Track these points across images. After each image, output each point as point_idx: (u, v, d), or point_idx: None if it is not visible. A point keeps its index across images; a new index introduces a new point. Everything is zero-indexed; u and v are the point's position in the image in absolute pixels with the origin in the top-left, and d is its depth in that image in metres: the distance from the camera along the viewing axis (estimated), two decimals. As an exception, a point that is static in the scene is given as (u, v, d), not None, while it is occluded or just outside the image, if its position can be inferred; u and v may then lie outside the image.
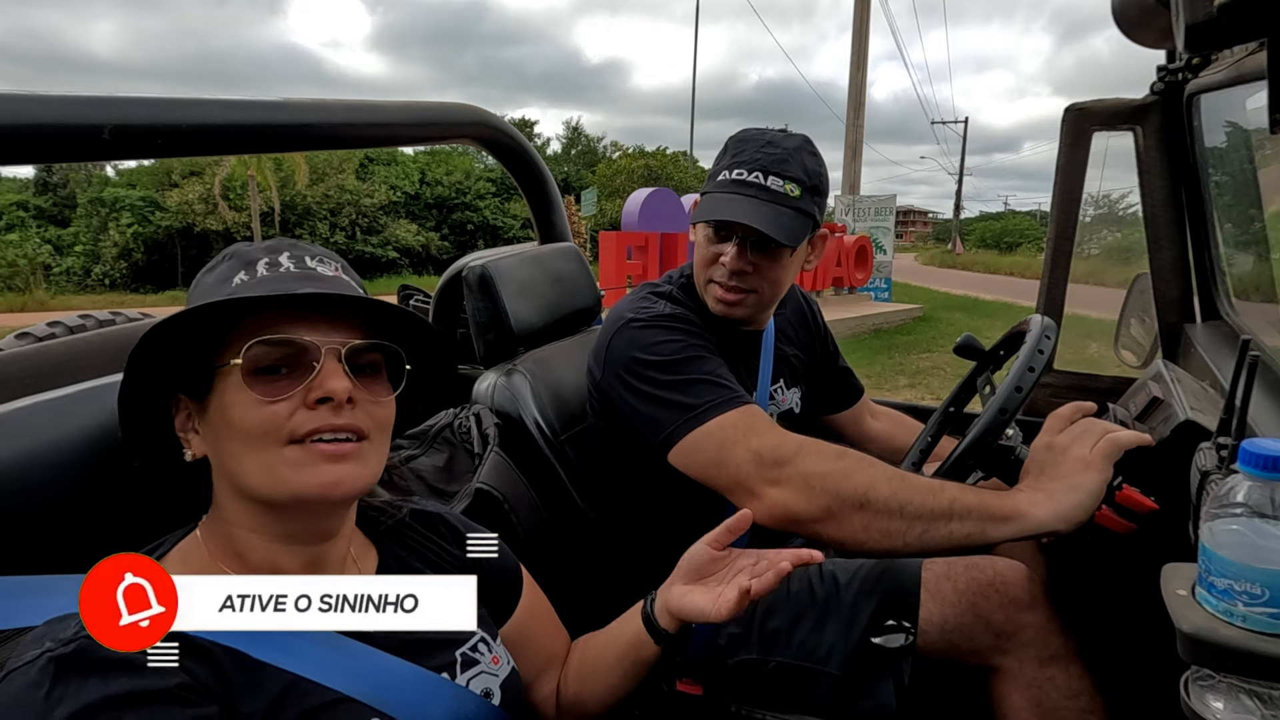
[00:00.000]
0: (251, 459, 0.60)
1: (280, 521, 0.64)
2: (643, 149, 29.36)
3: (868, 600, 1.10)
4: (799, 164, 1.15)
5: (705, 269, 1.20)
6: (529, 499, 1.21)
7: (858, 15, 15.90)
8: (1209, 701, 0.55)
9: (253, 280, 0.63)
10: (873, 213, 13.74)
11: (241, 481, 0.62)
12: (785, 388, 1.35)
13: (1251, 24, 0.74)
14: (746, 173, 1.13)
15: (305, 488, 0.60)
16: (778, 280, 1.19)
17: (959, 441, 0.99)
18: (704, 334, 1.16)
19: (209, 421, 0.63)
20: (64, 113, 0.86)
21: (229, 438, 0.61)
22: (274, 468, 0.60)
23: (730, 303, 1.19)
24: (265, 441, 0.60)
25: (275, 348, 0.60)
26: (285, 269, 0.64)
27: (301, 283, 0.63)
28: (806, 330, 1.45)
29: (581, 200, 15.47)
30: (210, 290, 0.64)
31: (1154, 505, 0.95)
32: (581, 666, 0.88)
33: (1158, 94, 1.44)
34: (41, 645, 0.53)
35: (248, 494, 0.62)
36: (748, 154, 1.15)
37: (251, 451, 0.60)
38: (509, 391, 1.36)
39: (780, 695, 1.14)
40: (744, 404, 1.05)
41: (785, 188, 1.12)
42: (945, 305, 14.35)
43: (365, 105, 1.31)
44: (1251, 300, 1.46)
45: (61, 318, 2.26)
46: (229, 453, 0.61)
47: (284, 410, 0.60)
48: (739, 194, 1.12)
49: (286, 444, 0.60)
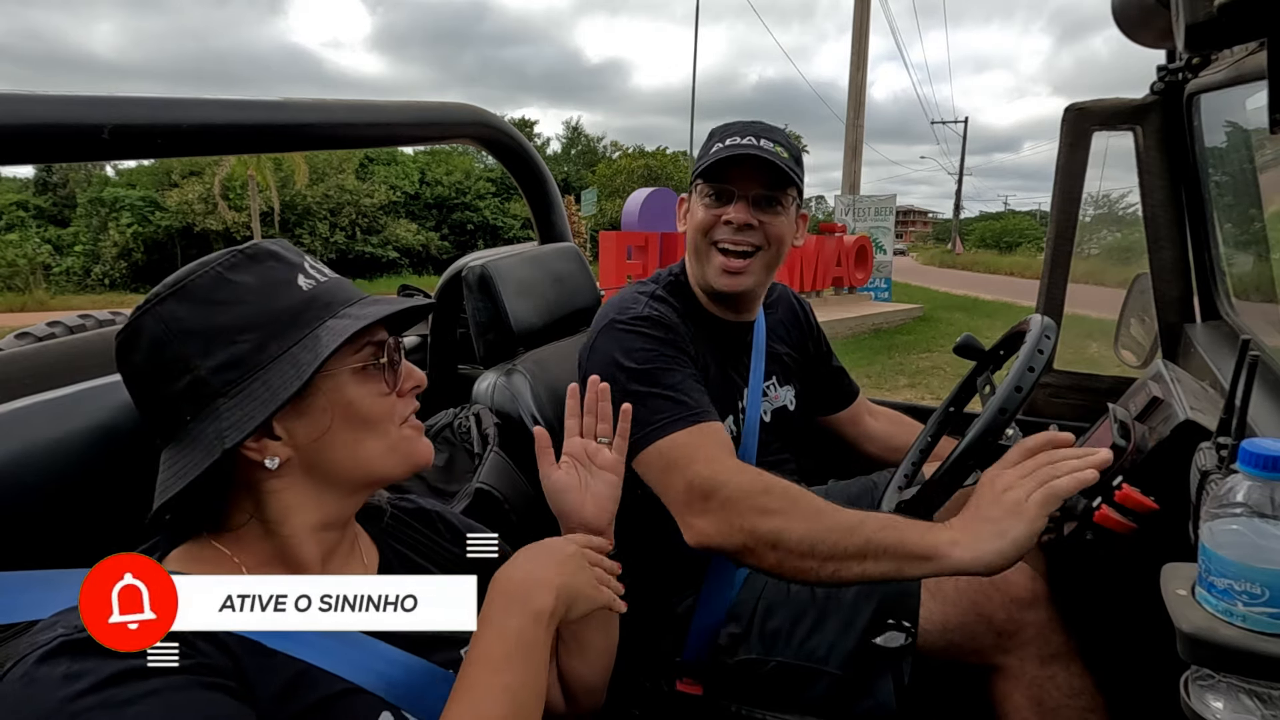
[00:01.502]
0: (378, 442, 0.68)
1: (344, 506, 0.69)
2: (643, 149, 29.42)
3: (868, 600, 1.11)
4: (783, 137, 1.20)
5: (706, 235, 1.20)
6: (529, 498, 1.21)
7: (858, 15, 15.91)
8: (1209, 701, 0.55)
9: (319, 286, 0.66)
10: (873, 213, 13.75)
11: (360, 466, 0.67)
12: (778, 385, 1.36)
13: (1251, 24, 0.74)
14: (740, 138, 1.17)
15: (422, 456, 0.71)
16: (779, 236, 1.20)
17: (959, 441, 0.99)
18: (680, 338, 1.16)
19: (309, 422, 0.64)
20: (64, 113, 0.86)
21: (352, 429, 0.66)
22: (397, 446, 0.69)
23: (736, 270, 1.19)
24: (389, 425, 0.68)
25: (379, 348, 0.68)
26: (327, 275, 0.68)
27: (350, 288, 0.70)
28: (799, 330, 1.46)
29: (581, 200, 15.48)
30: (267, 294, 0.63)
31: (1154, 505, 0.95)
32: (565, 642, 0.90)
33: (1158, 94, 1.44)
34: (54, 630, 0.53)
35: (360, 478, 0.68)
36: (736, 128, 1.20)
37: (377, 437, 0.67)
38: (509, 391, 1.36)
39: (780, 695, 1.14)
40: (698, 423, 1.06)
41: (776, 149, 1.17)
42: (945, 305, 14.36)
43: (365, 105, 1.31)
44: (1251, 300, 1.46)
45: (61, 317, 2.26)
46: (347, 443, 0.66)
47: (394, 399, 0.69)
48: (737, 151, 1.15)
49: (400, 425, 0.69)
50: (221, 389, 0.60)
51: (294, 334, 0.62)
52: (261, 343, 0.61)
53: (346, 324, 0.63)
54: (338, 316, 0.64)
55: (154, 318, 0.61)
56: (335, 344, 0.61)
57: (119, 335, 0.63)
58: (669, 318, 1.18)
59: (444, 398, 1.66)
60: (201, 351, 0.61)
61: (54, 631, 0.53)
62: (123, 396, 0.74)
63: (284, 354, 0.61)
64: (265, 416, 0.60)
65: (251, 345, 0.61)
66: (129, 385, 0.65)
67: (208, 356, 0.61)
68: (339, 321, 0.64)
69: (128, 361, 0.63)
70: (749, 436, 1.25)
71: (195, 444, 0.60)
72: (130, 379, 0.64)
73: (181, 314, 0.61)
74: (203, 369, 0.61)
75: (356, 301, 0.67)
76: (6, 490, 0.66)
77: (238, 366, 0.61)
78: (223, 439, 0.59)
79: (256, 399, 0.60)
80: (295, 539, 0.66)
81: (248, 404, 0.60)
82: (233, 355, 0.61)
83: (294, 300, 0.63)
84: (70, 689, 0.50)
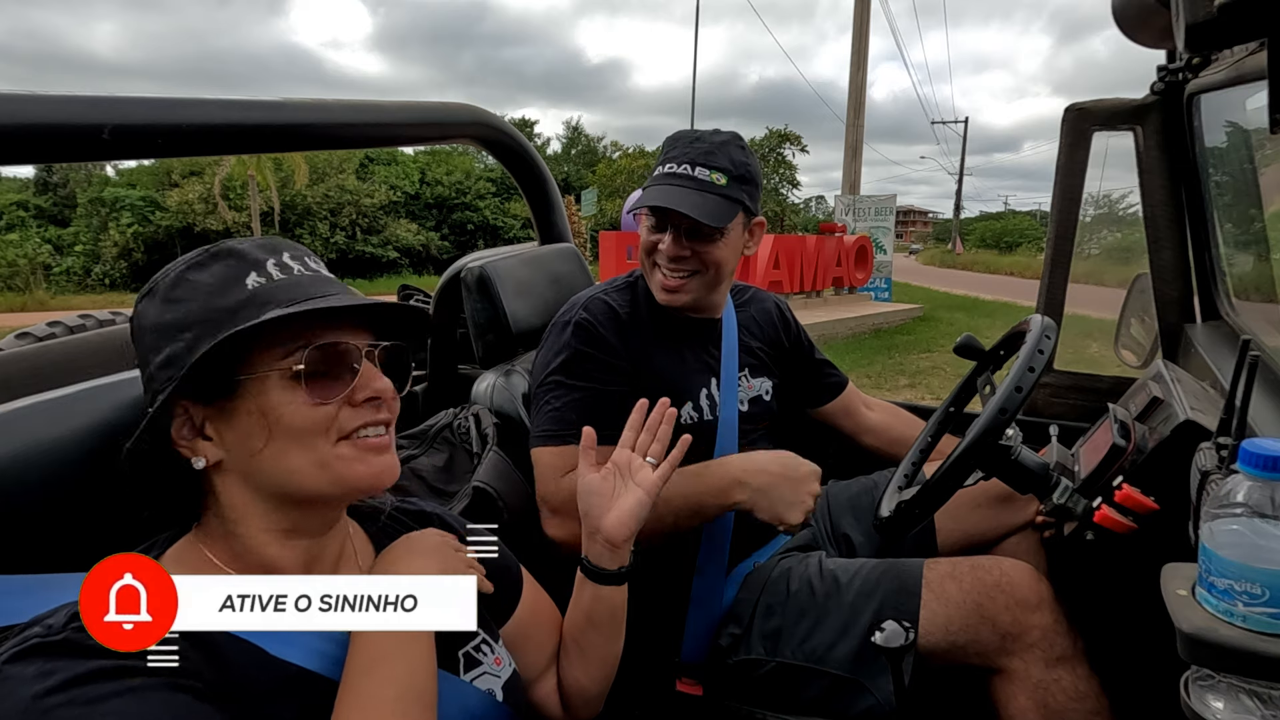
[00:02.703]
0: (302, 457, 0.62)
1: (299, 517, 0.66)
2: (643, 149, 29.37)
3: (868, 600, 1.10)
4: (725, 156, 1.23)
5: (648, 257, 1.28)
6: (528, 497, 1.21)
7: (858, 15, 15.91)
8: (1209, 701, 0.55)
9: (271, 284, 0.63)
10: (873, 213, 13.75)
11: (286, 480, 0.63)
12: (750, 376, 1.37)
13: (1251, 24, 0.74)
14: (676, 165, 1.23)
15: (359, 479, 0.64)
16: (717, 261, 1.25)
17: (959, 441, 0.99)
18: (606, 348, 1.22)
19: (236, 426, 0.62)
20: (64, 113, 0.86)
21: (276, 439, 0.62)
22: (328, 464, 0.63)
23: (673, 289, 1.25)
24: (318, 440, 0.63)
25: (323, 352, 0.63)
26: (298, 271, 0.65)
27: (322, 286, 0.65)
28: (773, 326, 1.47)
29: (581, 200, 15.48)
30: (216, 291, 0.62)
31: (1154, 505, 0.95)
32: (566, 649, 0.90)
33: (1158, 94, 1.44)
34: (30, 631, 0.54)
35: (289, 492, 0.64)
36: (679, 150, 1.25)
37: (302, 450, 0.62)
38: (508, 391, 1.36)
39: (780, 695, 1.14)
40: (561, 445, 1.17)
41: (712, 176, 1.21)
42: (945, 305, 14.35)
43: (365, 105, 1.31)
44: (1252, 300, 1.46)
45: (61, 317, 2.26)
46: (272, 454, 0.62)
47: (333, 410, 0.63)
48: (670, 184, 1.22)
49: (337, 441, 0.63)
50: (162, 386, 0.61)
51: (224, 331, 0.60)
52: (195, 341, 0.60)
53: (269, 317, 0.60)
54: (269, 315, 0.61)
55: (134, 314, 0.65)
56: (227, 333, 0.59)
57: None
58: (606, 323, 1.24)
59: (444, 398, 1.66)
60: (153, 347, 0.62)
61: (29, 632, 0.54)
62: (123, 396, 0.75)
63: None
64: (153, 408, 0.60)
65: (186, 343, 0.61)
66: None
67: (157, 353, 0.62)
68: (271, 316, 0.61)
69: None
70: (727, 425, 1.27)
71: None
72: None
73: (146, 310, 0.63)
74: (152, 364, 0.62)
75: (304, 300, 0.62)
76: (7, 490, 0.66)
77: (174, 364, 0.61)
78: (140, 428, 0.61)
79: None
80: (255, 540, 0.65)
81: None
82: (172, 352, 0.61)
83: (236, 298, 0.62)
84: (40, 686, 0.50)
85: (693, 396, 1.27)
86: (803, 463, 1.17)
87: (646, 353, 1.26)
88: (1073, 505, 1.00)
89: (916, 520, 1.04)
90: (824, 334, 9.48)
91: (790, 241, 11.23)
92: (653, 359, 1.26)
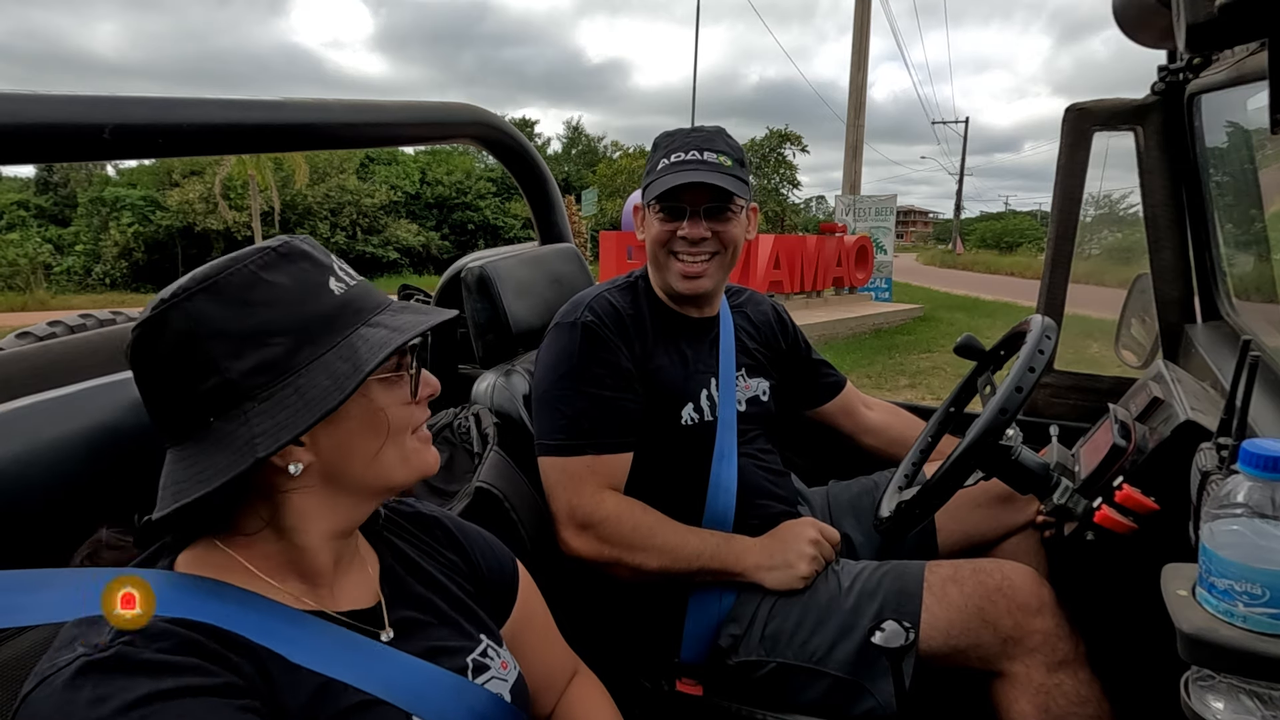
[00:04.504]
0: (393, 453, 0.67)
1: (360, 515, 0.69)
2: (643, 149, 29.34)
3: (869, 602, 1.10)
4: (723, 141, 1.27)
5: (663, 248, 1.27)
6: (529, 497, 1.21)
7: (858, 16, 15.91)
8: (1209, 702, 0.55)
9: (349, 290, 0.65)
10: (873, 213, 13.74)
11: (377, 476, 0.66)
12: (747, 376, 1.38)
13: (1252, 24, 0.74)
14: (684, 153, 1.24)
15: (429, 468, 0.71)
16: (734, 239, 1.27)
17: (959, 441, 0.99)
18: (611, 350, 1.22)
19: (340, 429, 0.63)
20: (65, 113, 0.86)
21: (374, 436, 0.65)
22: (408, 457, 0.68)
23: (695, 274, 1.25)
24: (403, 434, 0.68)
25: (403, 355, 0.68)
26: (355, 279, 0.67)
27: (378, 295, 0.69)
28: (769, 327, 1.47)
29: (582, 200, 15.47)
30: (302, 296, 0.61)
31: (1154, 505, 0.95)
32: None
33: (1158, 94, 1.44)
34: (75, 650, 0.52)
35: (378, 487, 0.68)
36: (679, 141, 1.26)
37: (393, 446, 0.67)
38: (508, 391, 1.36)
39: (780, 695, 1.14)
40: (586, 454, 1.19)
41: (719, 159, 1.24)
42: (946, 305, 14.34)
43: (366, 105, 1.31)
44: (1252, 300, 1.46)
45: (62, 317, 2.26)
46: (365, 451, 0.65)
47: (413, 407, 0.69)
48: (682, 170, 1.22)
49: (411, 433, 0.69)
50: (251, 392, 0.58)
51: (327, 340, 0.61)
52: (294, 347, 0.60)
53: (382, 335, 0.63)
54: (369, 324, 0.64)
55: (182, 314, 0.58)
56: (378, 358, 0.60)
57: (138, 328, 0.59)
58: (612, 324, 1.23)
59: (444, 398, 1.66)
60: (233, 353, 0.58)
61: (74, 651, 0.52)
62: (123, 396, 0.75)
63: (317, 360, 0.60)
64: (303, 428, 0.58)
65: (284, 349, 0.59)
66: (142, 380, 0.61)
67: (239, 358, 0.58)
68: (372, 331, 0.63)
69: (148, 356, 0.60)
70: (725, 425, 1.27)
71: (220, 447, 0.58)
72: (146, 374, 0.61)
73: (212, 312, 0.58)
74: (233, 371, 0.58)
75: (385, 308, 0.66)
76: (8, 489, 0.66)
77: (269, 370, 0.59)
78: (254, 446, 0.57)
79: (288, 406, 0.58)
80: (311, 548, 0.65)
81: (279, 411, 0.58)
82: (265, 359, 0.59)
83: (328, 305, 0.62)
84: (98, 712, 0.49)
85: (694, 397, 1.27)
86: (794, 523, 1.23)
87: (650, 353, 1.26)
88: (1073, 505, 1.00)
89: (917, 520, 1.04)
90: (824, 334, 9.48)
91: (791, 241, 11.22)
92: (656, 359, 1.26)
